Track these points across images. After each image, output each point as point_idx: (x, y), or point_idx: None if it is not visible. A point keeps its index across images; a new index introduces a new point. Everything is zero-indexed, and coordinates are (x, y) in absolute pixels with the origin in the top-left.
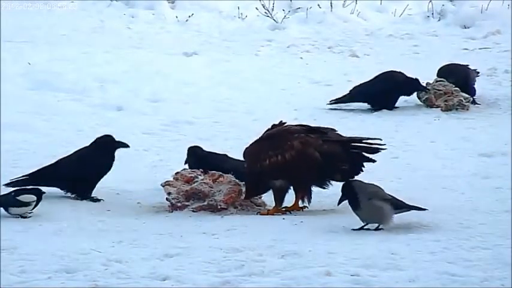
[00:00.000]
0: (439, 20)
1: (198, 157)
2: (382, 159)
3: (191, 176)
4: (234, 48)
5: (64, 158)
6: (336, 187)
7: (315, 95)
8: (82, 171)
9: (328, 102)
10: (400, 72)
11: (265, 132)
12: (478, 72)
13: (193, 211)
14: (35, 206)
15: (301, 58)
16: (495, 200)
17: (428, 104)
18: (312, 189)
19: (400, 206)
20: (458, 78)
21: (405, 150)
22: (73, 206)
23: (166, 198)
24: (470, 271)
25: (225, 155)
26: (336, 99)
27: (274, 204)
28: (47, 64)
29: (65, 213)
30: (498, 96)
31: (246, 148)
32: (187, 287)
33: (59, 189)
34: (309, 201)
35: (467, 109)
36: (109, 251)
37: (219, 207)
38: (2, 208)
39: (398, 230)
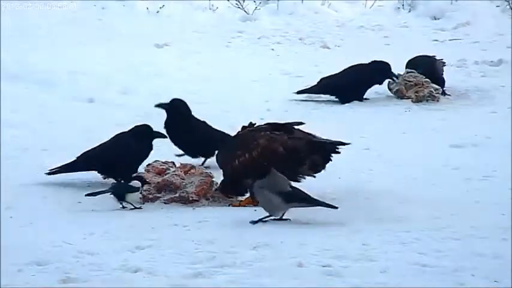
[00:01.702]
0: (409, 12)
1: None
2: (353, 150)
3: (163, 168)
4: (205, 39)
5: (103, 143)
6: (310, 182)
7: (286, 86)
8: (119, 157)
9: (296, 92)
10: (367, 64)
11: (236, 134)
12: (444, 63)
13: (164, 203)
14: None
15: (273, 49)
16: (465, 191)
17: (399, 95)
18: None
19: (298, 200)
20: (426, 69)
21: (376, 141)
22: (44, 198)
23: None
24: (441, 261)
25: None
26: (304, 90)
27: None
28: (19, 56)
29: (35, 205)
30: (468, 88)
31: (217, 152)
32: (159, 278)
33: (32, 180)
34: None
35: (438, 100)
36: (80, 243)
37: (190, 199)
38: (116, 197)
39: (369, 221)
